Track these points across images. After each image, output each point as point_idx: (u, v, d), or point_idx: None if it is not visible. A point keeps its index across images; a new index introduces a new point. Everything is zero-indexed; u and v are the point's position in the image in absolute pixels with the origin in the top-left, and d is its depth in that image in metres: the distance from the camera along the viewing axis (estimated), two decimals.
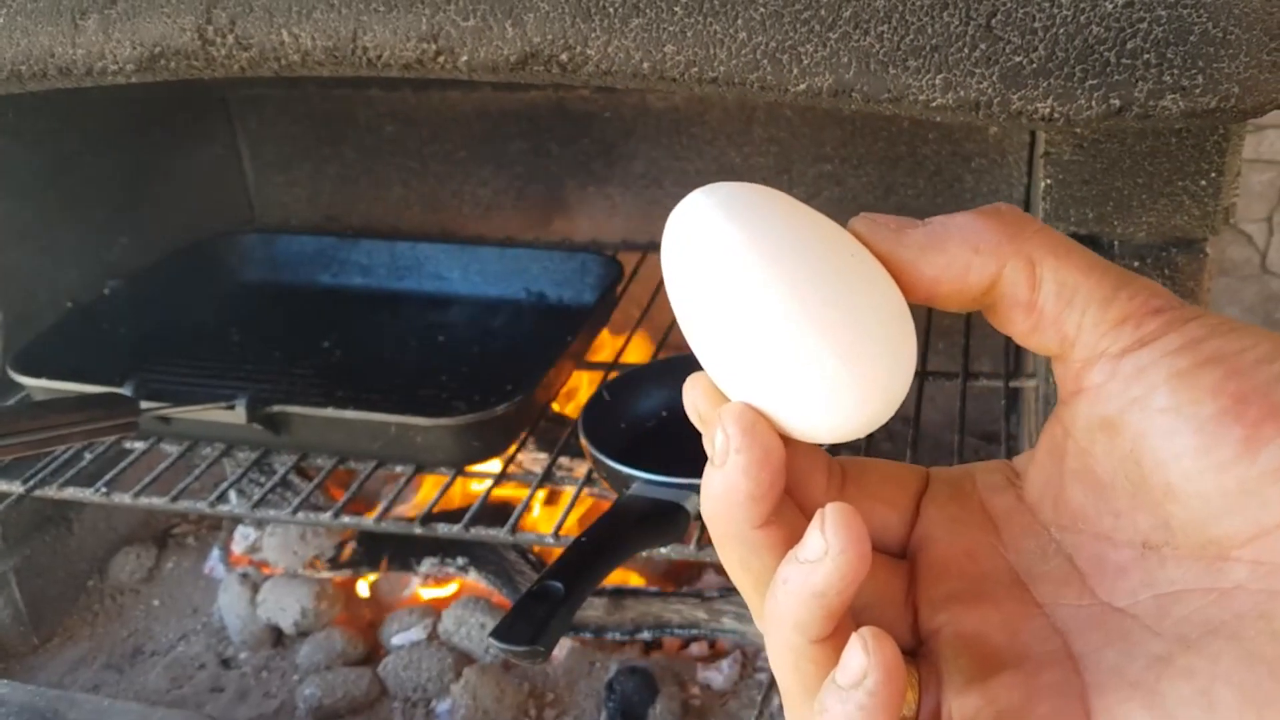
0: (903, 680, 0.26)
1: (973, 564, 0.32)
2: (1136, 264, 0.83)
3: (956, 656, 0.29)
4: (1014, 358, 1.11)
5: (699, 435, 0.32)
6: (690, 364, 1.09)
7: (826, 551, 0.26)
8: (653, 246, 1.32)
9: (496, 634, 0.71)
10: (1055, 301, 0.29)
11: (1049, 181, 0.83)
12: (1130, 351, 0.28)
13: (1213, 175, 0.81)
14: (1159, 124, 0.67)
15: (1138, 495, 0.29)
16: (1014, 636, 0.30)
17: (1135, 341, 0.28)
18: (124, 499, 0.99)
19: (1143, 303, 0.28)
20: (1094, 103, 0.66)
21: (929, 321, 1.14)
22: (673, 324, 1.16)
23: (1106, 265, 0.29)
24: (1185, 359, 0.27)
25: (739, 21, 0.71)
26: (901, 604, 0.32)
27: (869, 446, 0.97)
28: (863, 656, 0.26)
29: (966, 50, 0.68)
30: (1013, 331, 0.30)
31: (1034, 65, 0.67)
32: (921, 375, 1.04)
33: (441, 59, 0.76)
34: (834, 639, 0.28)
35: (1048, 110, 0.67)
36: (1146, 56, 0.66)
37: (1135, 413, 0.28)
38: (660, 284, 1.24)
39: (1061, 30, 0.66)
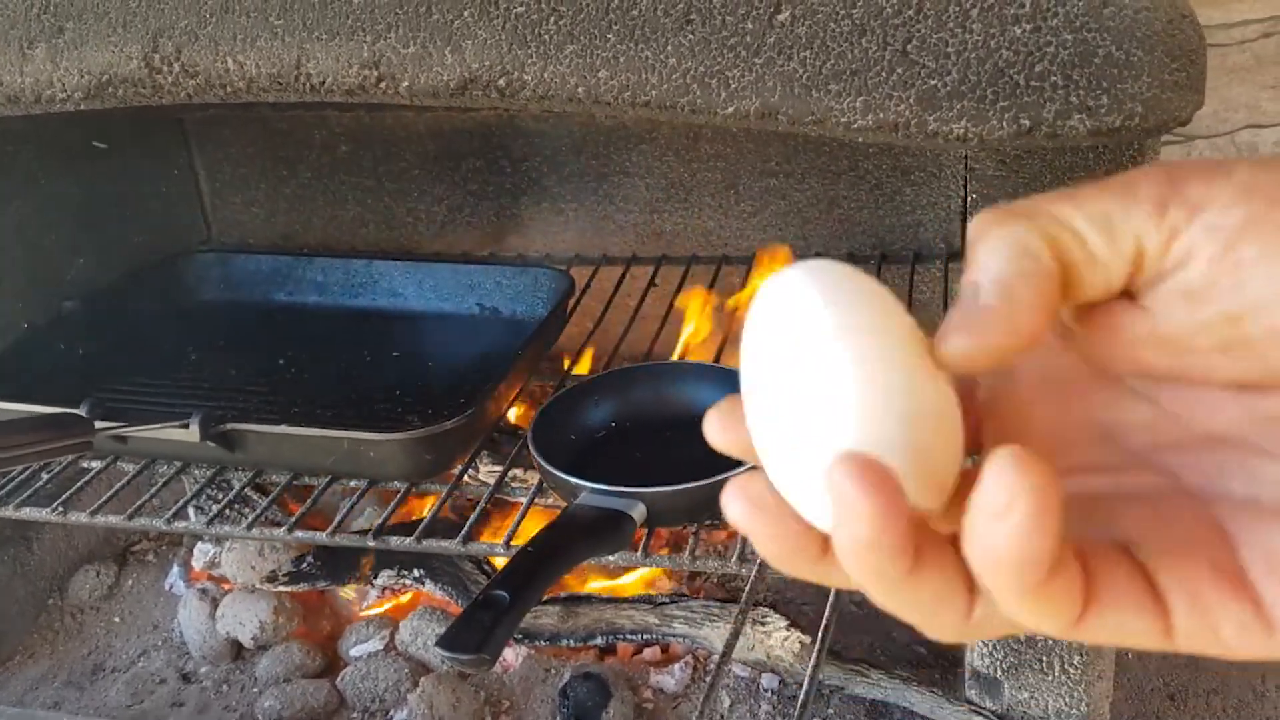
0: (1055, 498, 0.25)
1: (1059, 426, 0.31)
2: None
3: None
4: None
5: (646, 446, 0.32)
6: (637, 375, 1.11)
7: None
8: (605, 260, 1.35)
9: (443, 643, 0.73)
10: (1107, 250, 0.28)
11: (974, 196, 0.87)
12: (1187, 224, 0.27)
13: None
14: (1067, 143, 0.71)
15: (1231, 348, 0.28)
16: (1120, 484, 0.29)
17: (1187, 214, 0.27)
18: (81, 518, 1.00)
19: (1164, 184, 0.28)
20: (1005, 123, 0.70)
21: None
22: (623, 337, 1.19)
23: (1104, 189, 0.29)
24: (1250, 205, 0.27)
25: (669, 48, 0.74)
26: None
27: None
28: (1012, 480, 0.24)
29: (885, 74, 0.71)
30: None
31: (948, 88, 0.70)
32: None
33: (383, 85, 0.79)
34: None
35: (962, 131, 0.70)
36: (1054, 79, 0.69)
37: (1223, 273, 0.27)
38: (611, 297, 1.27)
39: (973, 54, 0.69)
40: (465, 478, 1.02)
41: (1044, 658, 0.95)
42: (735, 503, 0.29)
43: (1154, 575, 0.27)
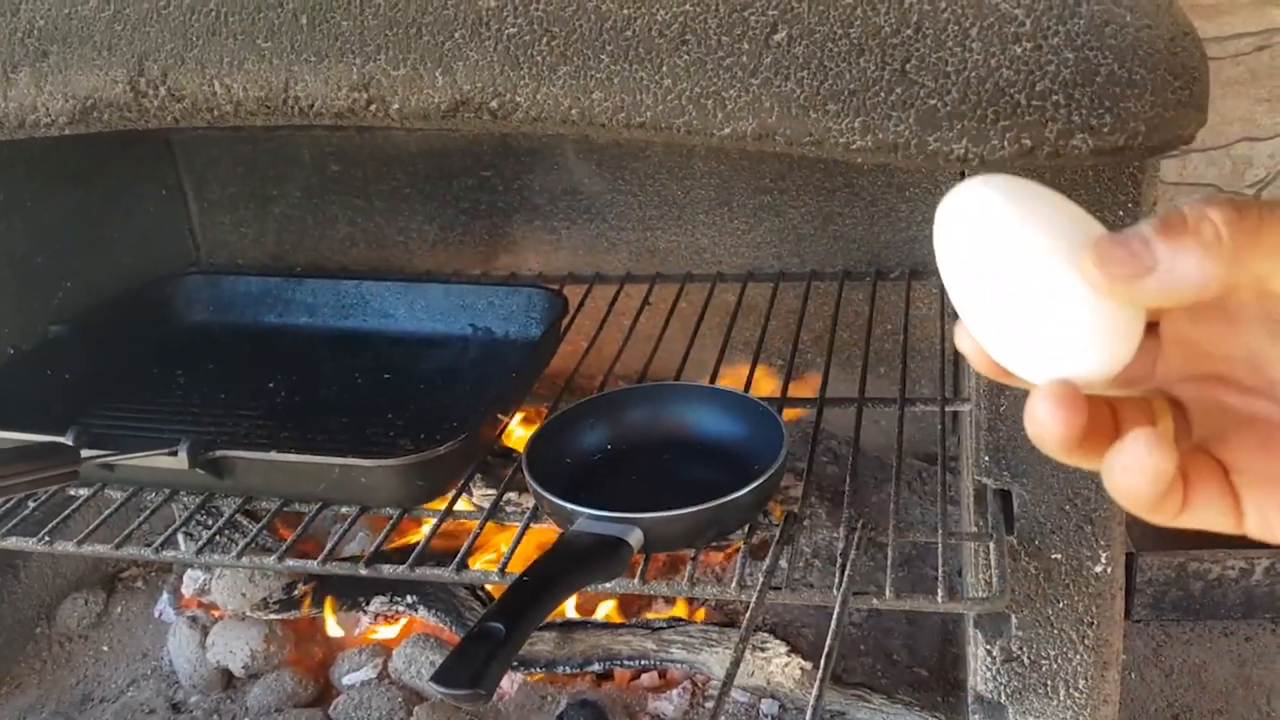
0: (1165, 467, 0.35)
1: (1214, 349, 0.39)
2: None
3: (1203, 423, 0.40)
4: (952, 383, 1.13)
5: (642, 469, 0.35)
6: (632, 397, 1.10)
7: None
8: (599, 279, 1.34)
9: (437, 678, 0.71)
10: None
11: None
12: None
13: (1129, 205, 0.84)
14: (1069, 163, 0.70)
15: None
16: (1246, 405, 0.39)
17: None
18: (68, 547, 0.98)
19: None
20: (1006, 143, 0.68)
21: (867, 347, 1.15)
22: (618, 357, 1.17)
23: None
24: None
25: (664, 68, 0.73)
26: (1149, 374, 0.41)
27: (810, 469, 0.98)
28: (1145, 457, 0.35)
29: (883, 94, 0.70)
30: None
31: (948, 108, 0.69)
32: (861, 401, 1.06)
33: (373, 108, 0.78)
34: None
35: (963, 151, 0.69)
36: (1055, 98, 0.68)
37: None
38: (606, 316, 1.25)
39: (973, 74, 0.68)
40: (459, 502, 1.00)
41: (1048, 682, 0.93)
42: (962, 335, 0.40)
43: (1240, 495, 0.37)
